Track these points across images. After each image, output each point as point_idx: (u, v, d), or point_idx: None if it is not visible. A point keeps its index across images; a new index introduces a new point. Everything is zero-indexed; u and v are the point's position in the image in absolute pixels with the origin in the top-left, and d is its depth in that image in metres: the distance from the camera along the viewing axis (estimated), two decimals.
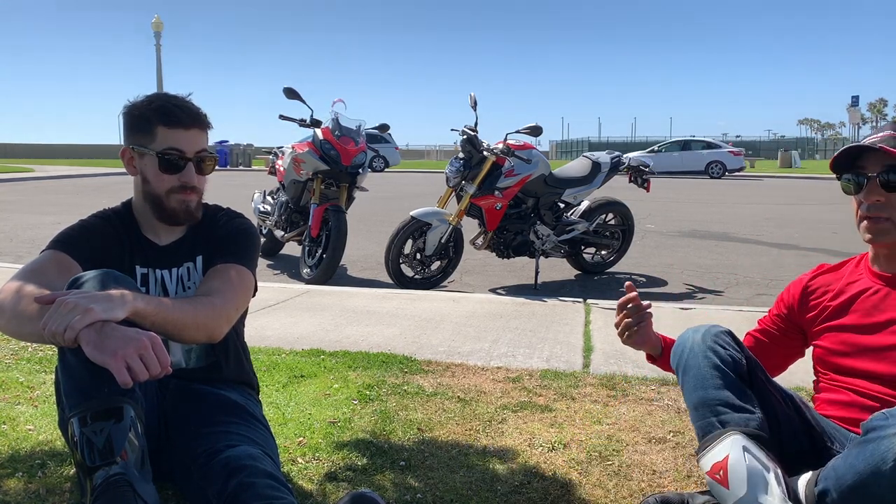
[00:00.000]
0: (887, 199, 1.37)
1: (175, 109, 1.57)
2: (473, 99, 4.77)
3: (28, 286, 1.37)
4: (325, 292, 4.31)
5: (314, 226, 5.02)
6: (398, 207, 9.30)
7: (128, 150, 1.62)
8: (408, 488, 1.73)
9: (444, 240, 4.73)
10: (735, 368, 1.44)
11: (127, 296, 1.28)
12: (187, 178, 1.60)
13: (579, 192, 5.10)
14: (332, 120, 5.24)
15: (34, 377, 2.53)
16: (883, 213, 1.38)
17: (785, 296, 1.68)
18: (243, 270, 1.60)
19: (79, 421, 1.21)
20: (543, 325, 3.47)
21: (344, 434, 2.06)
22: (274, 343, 3.07)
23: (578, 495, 1.71)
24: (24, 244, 6.77)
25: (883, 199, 1.38)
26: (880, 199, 1.38)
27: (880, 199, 1.38)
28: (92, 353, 1.19)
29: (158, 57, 31.49)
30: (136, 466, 1.22)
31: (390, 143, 25.33)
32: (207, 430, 1.48)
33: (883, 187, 1.37)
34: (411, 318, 3.59)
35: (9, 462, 1.82)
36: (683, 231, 8.26)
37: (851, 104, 40.28)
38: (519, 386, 2.54)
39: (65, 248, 1.54)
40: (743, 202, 12.85)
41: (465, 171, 4.76)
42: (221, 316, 1.47)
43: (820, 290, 1.60)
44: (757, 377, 1.49)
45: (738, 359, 1.46)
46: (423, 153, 58.69)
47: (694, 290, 5.00)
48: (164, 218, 1.63)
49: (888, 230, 1.39)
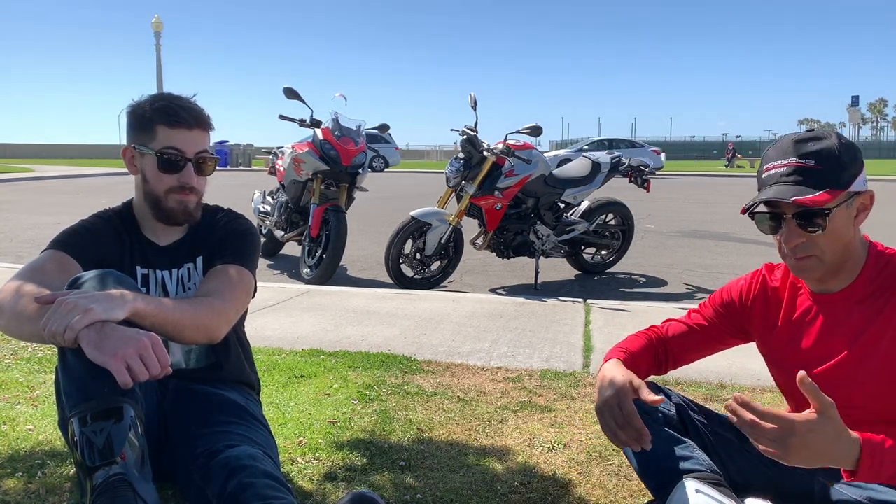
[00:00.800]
0: (808, 239, 1.30)
1: (177, 109, 1.58)
2: (473, 99, 4.77)
3: (28, 286, 1.37)
4: (325, 292, 4.31)
5: (314, 226, 5.02)
6: (398, 207, 9.31)
7: (129, 148, 1.62)
8: (407, 488, 1.73)
9: (444, 240, 4.73)
10: (667, 421, 1.49)
11: (127, 296, 1.28)
12: (186, 179, 1.60)
13: (579, 193, 5.10)
14: (332, 120, 5.24)
15: (34, 377, 2.53)
16: (807, 252, 1.31)
17: (727, 294, 1.59)
18: (243, 271, 1.60)
19: (79, 421, 1.21)
20: (543, 325, 3.48)
21: (344, 434, 2.06)
22: (274, 343, 3.07)
23: (578, 495, 1.71)
24: (24, 244, 6.77)
25: (805, 240, 1.30)
26: (802, 240, 1.30)
27: (802, 241, 1.30)
28: (92, 354, 1.19)
29: (158, 57, 31.52)
30: (136, 466, 1.22)
31: (390, 143, 25.36)
32: (207, 430, 1.48)
33: (802, 229, 1.30)
34: (411, 318, 3.59)
35: (9, 462, 1.82)
36: (683, 231, 8.26)
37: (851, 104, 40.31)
38: (519, 386, 2.54)
39: (65, 248, 1.54)
40: (743, 202, 12.79)
41: (465, 171, 4.76)
42: (221, 317, 1.47)
43: (762, 300, 1.52)
44: (691, 419, 1.53)
45: (666, 411, 1.50)
46: (423, 153, 58.69)
47: (694, 290, 5.00)
48: (162, 218, 1.63)
49: (815, 266, 1.33)
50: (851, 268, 1.35)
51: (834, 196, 1.26)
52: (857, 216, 1.32)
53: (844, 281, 1.37)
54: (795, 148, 1.30)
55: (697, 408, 1.58)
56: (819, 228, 1.28)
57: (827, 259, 1.32)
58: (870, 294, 1.34)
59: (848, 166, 1.28)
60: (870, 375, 1.32)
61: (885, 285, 1.32)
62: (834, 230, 1.29)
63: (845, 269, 1.36)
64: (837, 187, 1.27)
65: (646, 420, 1.45)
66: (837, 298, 1.38)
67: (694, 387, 2.52)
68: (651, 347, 1.57)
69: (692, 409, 1.56)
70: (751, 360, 2.61)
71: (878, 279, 1.33)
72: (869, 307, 1.33)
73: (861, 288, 1.35)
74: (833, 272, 1.36)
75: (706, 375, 2.59)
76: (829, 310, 1.39)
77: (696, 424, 1.53)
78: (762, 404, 1.13)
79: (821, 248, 1.30)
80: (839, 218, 1.29)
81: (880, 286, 1.33)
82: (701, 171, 27.91)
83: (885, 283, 1.33)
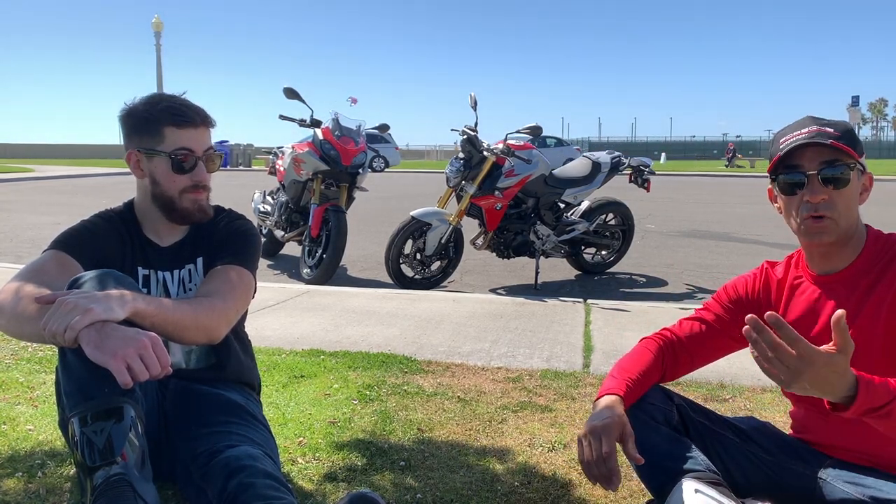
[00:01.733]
0: (830, 196, 1.33)
1: (183, 109, 1.57)
2: (473, 99, 4.78)
3: (28, 286, 1.37)
4: (325, 292, 4.31)
5: (314, 226, 5.02)
6: (398, 207, 9.31)
7: (134, 152, 1.61)
8: (408, 488, 1.73)
9: (444, 240, 4.73)
10: (667, 421, 1.49)
11: (127, 296, 1.28)
12: (200, 177, 1.60)
13: (579, 192, 5.10)
14: (332, 120, 5.25)
15: (34, 377, 2.53)
16: (826, 212, 1.34)
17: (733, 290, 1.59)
18: (244, 272, 1.60)
19: (79, 421, 1.21)
20: (543, 326, 3.48)
21: (344, 434, 2.06)
22: (274, 343, 3.07)
23: (578, 495, 1.71)
24: (24, 244, 6.77)
25: (827, 197, 1.34)
26: (825, 196, 1.33)
27: (825, 198, 1.33)
28: (92, 354, 1.19)
29: (158, 57, 31.53)
30: (136, 466, 1.22)
31: (390, 143, 25.36)
32: (208, 430, 1.48)
33: (825, 183, 1.33)
34: (411, 319, 3.59)
35: (9, 462, 1.82)
36: (684, 231, 8.26)
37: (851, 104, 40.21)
38: (519, 386, 2.54)
39: (66, 248, 1.54)
40: (743, 202, 12.84)
41: (466, 171, 4.77)
42: (221, 317, 1.47)
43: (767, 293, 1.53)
44: (692, 419, 1.53)
45: (667, 411, 1.50)
46: (423, 153, 58.68)
47: (694, 289, 5.00)
48: (177, 218, 1.63)
49: (831, 229, 1.35)
50: (854, 244, 1.40)
51: (855, 155, 1.33)
52: (862, 193, 1.39)
53: (847, 259, 1.40)
54: (814, 121, 1.39)
55: (698, 408, 1.58)
56: (843, 184, 1.33)
57: (842, 224, 1.36)
58: (868, 272, 1.38)
59: (859, 142, 1.37)
60: (870, 354, 1.33)
61: (882, 264, 1.37)
62: (850, 192, 1.35)
63: (850, 245, 1.40)
64: (856, 151, 1.34)
65: (646, 420, 1.46)
66: (838, 278, 1.41)
67: (694, 387, 2.52)
68: (660, 357, 1.56)
69: (693, 409, 1.56)
70: (751, 361, 2.60)
71: (878, 258, 1.38)
72: (866, 286, 1.37)
73: (861, 266, 1.39)
74: (842, 243, 1.39)
75: (706, 375, 2.59)
76: (830, 291, 1.42)
77: (697, 425, 1.53)
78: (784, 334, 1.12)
79: (839, 210, 1.35)
80: (853, 182, 1.35)
81: (878, 265, 1.37)
82: (701, 171, 27.90)
83: (882, 261, 1.37)
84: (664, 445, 1.44)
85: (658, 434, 1.45)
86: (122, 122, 1.61)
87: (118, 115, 1.62)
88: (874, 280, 1.36)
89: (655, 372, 1.55)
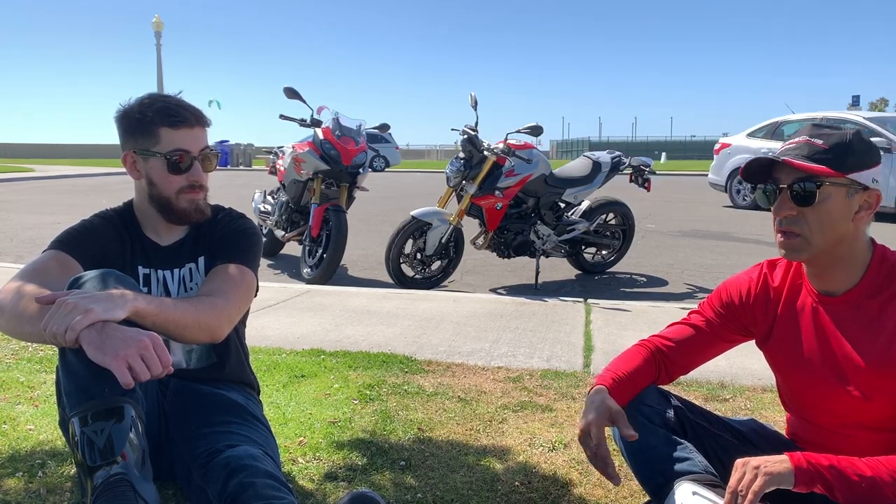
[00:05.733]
0: (799, 213, 1.28)
1: (178, 109, 1.57)
2: (474, 98, 4.77)
3: (28, 286, 1.37)
4: (325, 292, 4.31)
5: (314, 226, 5.02)
6: (398, 207, 9.30)
7: (129, 154, 1.61)
8: (408, 488, 1.73)
9: (444, 239, 4.73)
10: (665, 423, 1.48)
11: (127, 295, 1.28)
12: (196, 177, 1.60)
13: (580, 192, 5.10)
14: (332, 120, 5.24)
15: (34, 377, 2.53)
16: (795, 228, 1.29)
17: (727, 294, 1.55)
18: (245, 270, 1.60)
19: (79, 421, 1.21)
20: (544, 325, 3.47)
21: (344, 434, 2.06)
22: (274, 343, 3.07)
23: (578, 495, 1.71)
24: (24, 244, 6.77)
25: (794, 213, 1.29)
26: (791, 212, 1.29)
27: (792, 213, 1.29)
28: (93, 354, 1.19)
29: (159, 57, 31.50)
30: (136, 466, 1.22)
31: (391, 142, 25.32)
32: (208, 430, 1.48)
33: (794, 200, 1.28)
34: (412, 318, 3.59)
35: (9, 462, 1.82)
36: (684, 231, 8.26)
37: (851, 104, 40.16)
38: (519, 386, 2.54)
39: (66, 247, 1.54)
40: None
41: (466, 171, 4.76)
42: (223, 316, 1.47)
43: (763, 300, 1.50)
44: (690, 421, 1.52)
45: (664, 413, 1.49)
46: (424, 153, 58.68)
47: (694, 289, 5.00)
48: (175, 219, 1.63)
49: (801, 247, 1.31)
50: (853, 268, 1.34)
51: (830, 173, 1.26)
52: (858, 212, 1.30)
53: (847, 283, 1.35)
54: (811, 129, 1.33)
55: (696, 409, 1.57)
56: (809, 201, 1.27)
57: (813, 242, 1.30)
58: (872, 298, 1.32)
59: (855, 154, 1.28)
60: (866, 381, 1.31)
61: (887, 290, 1.31)
62: (825, 211, 1.28)
63: (844, 268, 1.34)
64: (837, 168, 1.27)
65: (644, 422, 1.46)
66: (840, 301, 1.36)
67: (694, 387, 2.51)
68: (651, 359, 1.55)
69: (691, 410, 1.56)
70: (751, 360, 2.61)
71: (885, 282, 1.32)
72: (876, 309, 1.31)
73: (864, 291, 1.33)
74: (830, 265, 1.34)
75: (706, 375, 2.59)
76: (831, 312, 1.38)
77: (695, 426, 1.52)
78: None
79: (809, 227, 1.29)
80: (833, 201, 1.28)
81: (884, 291, 1.31)
82: (701, 171, 27.86)
83: (888, 287, 1.31)
84: (661, 447, 1.43)
85: (655, 436, 1.45)
86: (118, 124, 1.61)
87: (114, 116, 1.61)
88: (883, 304, 1.30)
89: (646, 372, 1.53)
